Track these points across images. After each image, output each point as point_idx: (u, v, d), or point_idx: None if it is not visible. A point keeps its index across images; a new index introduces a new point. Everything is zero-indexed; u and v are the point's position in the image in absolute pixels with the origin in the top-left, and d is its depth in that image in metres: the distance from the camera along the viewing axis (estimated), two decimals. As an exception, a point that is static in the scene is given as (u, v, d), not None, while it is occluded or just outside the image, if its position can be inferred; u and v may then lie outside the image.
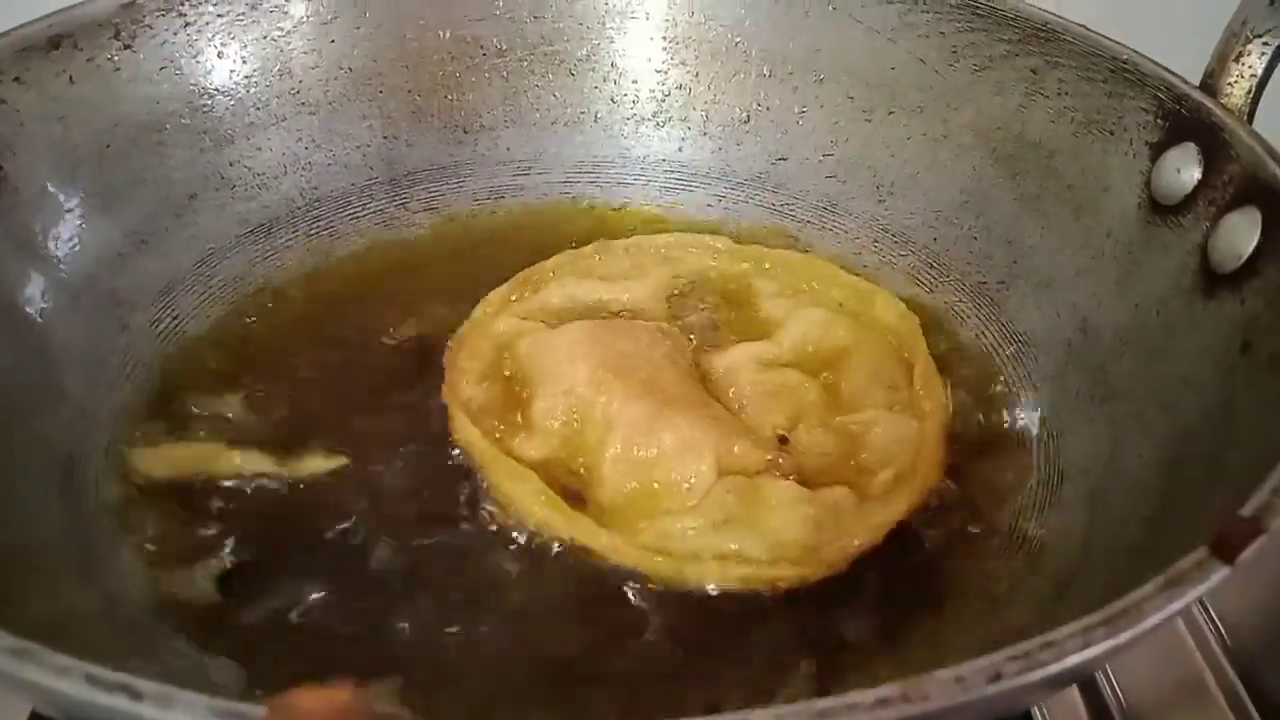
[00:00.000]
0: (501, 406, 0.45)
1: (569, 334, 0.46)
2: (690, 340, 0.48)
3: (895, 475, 0.42)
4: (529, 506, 0.40)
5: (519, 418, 0.44)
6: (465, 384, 0.45)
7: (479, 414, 0.44)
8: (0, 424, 0.39)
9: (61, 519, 0.38)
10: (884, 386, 0.46)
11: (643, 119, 0.58)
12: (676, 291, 0.51)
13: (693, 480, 0.41)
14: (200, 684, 0.33)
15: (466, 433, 0.43)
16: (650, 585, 0.38)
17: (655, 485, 0.41)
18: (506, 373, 0.46)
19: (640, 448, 0.41)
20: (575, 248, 0.53)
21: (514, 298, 0.51)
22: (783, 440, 0.43)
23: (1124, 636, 0.23)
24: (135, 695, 0.20)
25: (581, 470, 0.42)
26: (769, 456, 0.42)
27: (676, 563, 0.38)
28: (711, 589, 0.38)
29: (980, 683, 0.22)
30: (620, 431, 0.42)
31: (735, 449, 0.41)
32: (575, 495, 0.42)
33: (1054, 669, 0.22)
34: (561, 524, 0.39)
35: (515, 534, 0.40)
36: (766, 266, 0.52)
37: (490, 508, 0.41)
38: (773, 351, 0.47)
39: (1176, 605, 0.24)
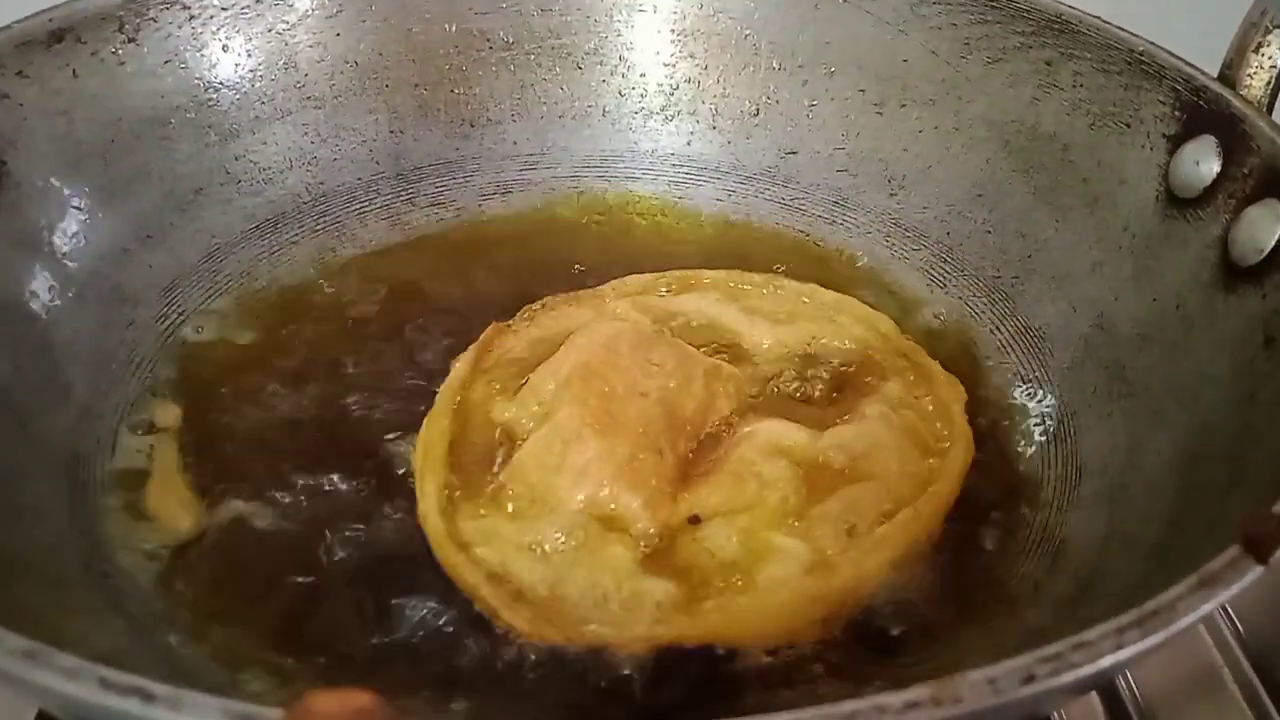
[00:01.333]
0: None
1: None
2: (749, 395, 0.44)
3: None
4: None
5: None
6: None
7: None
8: (5, 421, 0.38)
9: (66, 517, 0.37)
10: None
11: (651, 112, 0.57)
12: (808, 349, 0.47)
13: (561, 499, 0.39)
14: (209, 685, 0.33)
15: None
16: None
17: (536, 489, 0.39)
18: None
19: (549, 451, 0.40)
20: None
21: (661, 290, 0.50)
22: (692, 520, 0.39)
23: (1157, 637, 0.23)
24: (148, 697, 0.20)
25: None
26: (652, 530, 0.38)
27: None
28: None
29: (1013, 685, 0.21)
30: (545, 431, 0.41)
31: (623, 498, 0.39)
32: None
33: (1087, 670, 0.22)
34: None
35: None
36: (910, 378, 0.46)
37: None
38: (800, 442, 0.41)
39: (1209, 605, 0.24)
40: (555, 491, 0.39)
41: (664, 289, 0.50)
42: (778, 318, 0.48)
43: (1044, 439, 0.43)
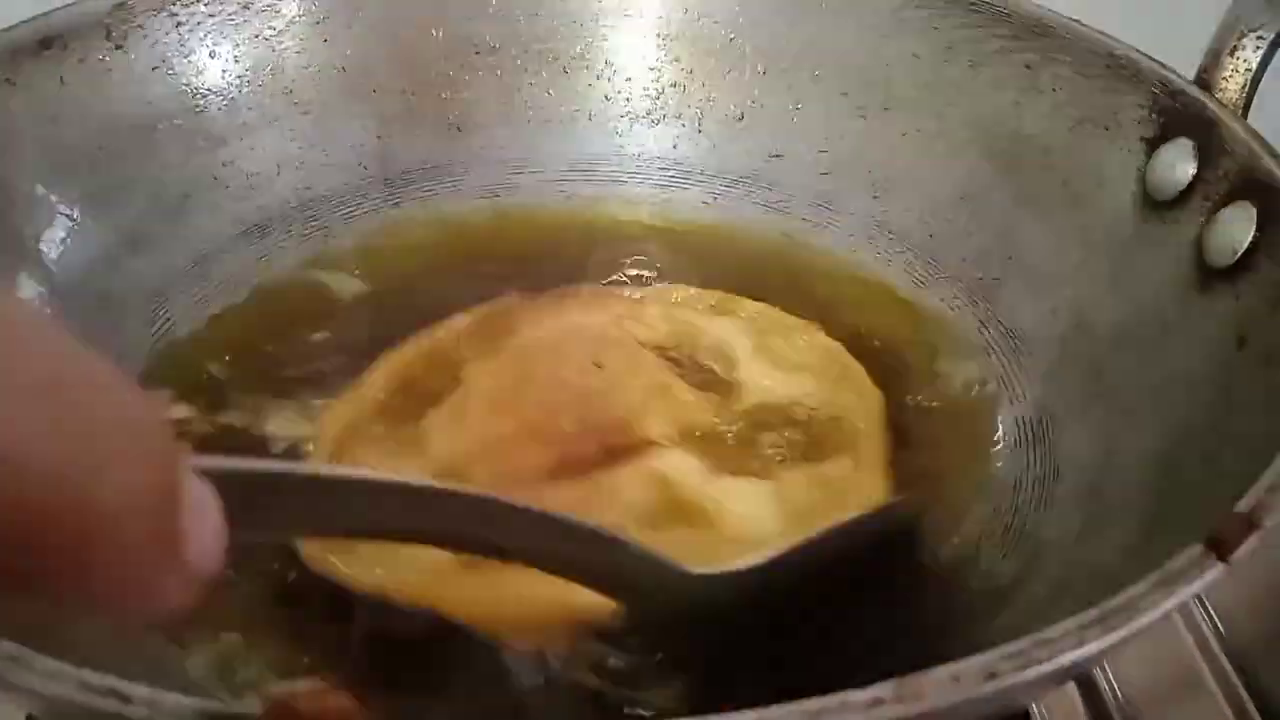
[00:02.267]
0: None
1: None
2: (693, 426, 0.42)
3: None
4: None
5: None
6: None
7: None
8: None
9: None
10: None
11: (637, 116, 0.58)
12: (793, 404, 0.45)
13: (425, 453, 0.40)
14: (198, 689, 0.33)
15: None
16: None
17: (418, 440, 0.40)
18: None
19: (450, 411, 0.41)
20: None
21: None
22: None
23: (1118, 634, 0.23)
24: (124, 699, 0.20)
25: None
26: None
27: None
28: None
29: (976, 681, 0.22)
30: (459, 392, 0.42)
31: (472, 470, 0.39)
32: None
33: (1048, 667, 0.22)
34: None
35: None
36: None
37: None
38: (687, 482, 0.40)
39: (1171, 603, 0.24)
40: (426, 446, 0.39)
41: (702, 305, 0.50)
42: (783, 364, 0.47)
43: (1022, 439, 0.44)
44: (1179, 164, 0.43)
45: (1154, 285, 0.42)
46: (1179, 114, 0.43)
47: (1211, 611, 0.46)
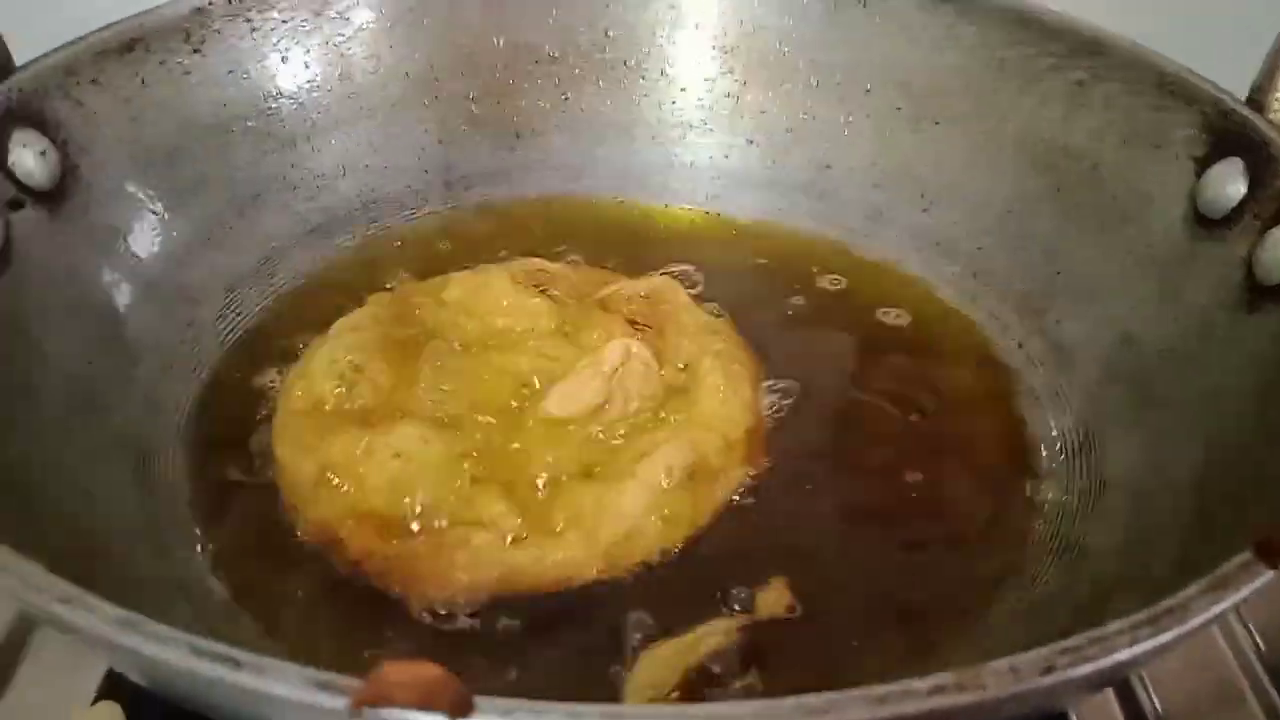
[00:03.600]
0: None
1: None
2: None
3: None
4: None
5: None
6: None
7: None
8: (79, 412, 0.40)
9: (136, 504, 0.40)
10: None
11: (691, 126, 0.59)
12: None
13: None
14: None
15: None
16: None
17: None
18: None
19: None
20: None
21: None
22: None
23: (1170, 635, 0.24)
24: (235, 664, 0.22)
25: None
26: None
27: None
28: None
29: (1034, 673, 0.23)
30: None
31: None
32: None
33: (1104, 663, 0.23)
34: None
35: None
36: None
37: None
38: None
39: (1220, 606, 0.25)
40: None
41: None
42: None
43: (1068, 451, 0.45)
44: (1229, 183, 0.43)
45: (1202, 302, 0.43)
46: (1230, 134, 0.44)
47: (1251, 627, 0.46)
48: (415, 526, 0.39)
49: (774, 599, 0.38)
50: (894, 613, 0.39)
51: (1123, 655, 0.24)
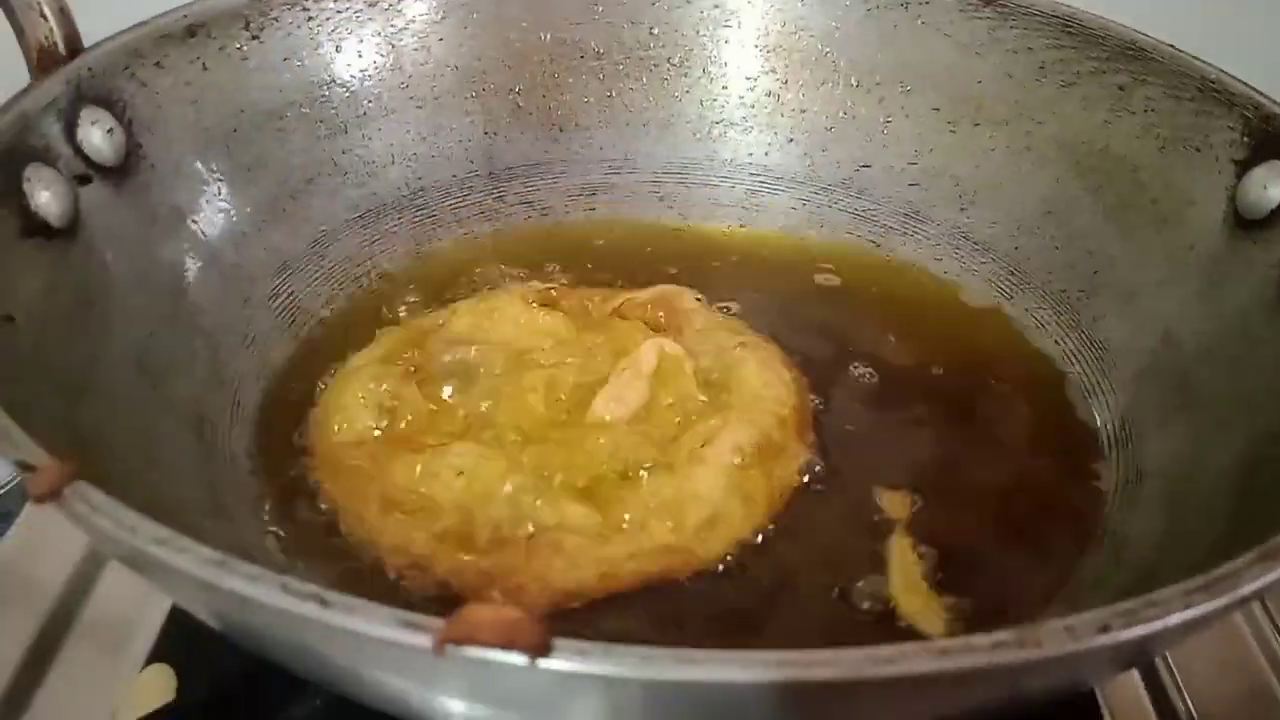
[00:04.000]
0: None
1: None
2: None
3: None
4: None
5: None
6: None
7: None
8: (139, 383, 0.41)
9: (196, 471, 0.41)
10: None
11: (731, 123, 0.60)
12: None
13: None
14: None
15: None
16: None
17: None
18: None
19: None
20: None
21: None
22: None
23: (1222, 601, 0.25)
24: (324, 603, 0.23)
25: None
26: None
27: None
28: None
29: (1089, 633, 0.23)
30: None
31: None
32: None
33: (1157, 625, 0.24)
34: None
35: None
36: None
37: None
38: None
39: (1271, 576, 0.26)
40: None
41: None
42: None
43: (1107, 443, 0.45)
44: (1270, 186, 0.44)
45: (1242, 302, 0.43)
46: (1271, 137, 0.45)
47: (1277, 620, 0.47)
48: (498, 539, 0.39)
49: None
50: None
51: (1176, 619, 0.24)
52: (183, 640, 0.43)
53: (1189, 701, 0.44)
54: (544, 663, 0.22)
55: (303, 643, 0.24)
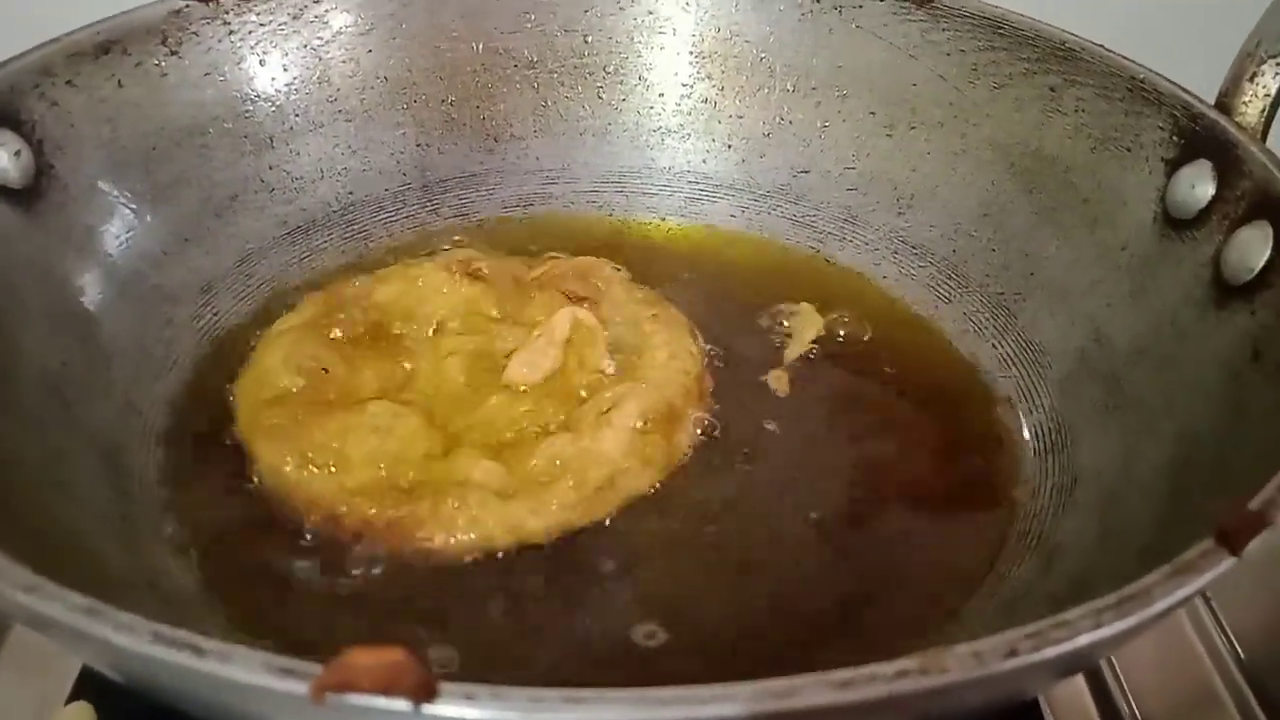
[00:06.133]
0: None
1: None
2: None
3: None
4: None
5: None
6: None
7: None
8: (52, 409, 0.40)
9: (109, 501, 0.39)
10: None
11: (668, 131, 0.59)
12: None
13: None
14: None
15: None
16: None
17: None
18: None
19: None
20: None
21: None
22: None
23: (1133, 620, 0.24)
24: (198, 651, 0.22)
25: None
26: None
27: None
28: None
29: (997, 657, 0.23)
30: None
31: None
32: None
33: (1066, 647, 0.23)
34: None
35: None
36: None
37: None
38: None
39: (1183, 592, 0.25)
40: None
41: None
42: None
43: (1040, 448, 0.45)
44: (1198, 185, 0.44)
45: (1172, 301, 0.43)
46: (1199, 136, 0.45)
47: (1224, 624, 0.47)
48: (409, 493, 0.41)
49: None
50: (860, 605, 0.39)
51: (1086, 639, 0.24)
52: (105, 678, 0.42)
53: (1131, 700, 0.44)
54: (428, 708, 0.21)
55: (185, 689, 0.23)
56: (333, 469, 0.42)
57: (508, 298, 0.50)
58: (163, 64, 0.50)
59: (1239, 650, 0.46)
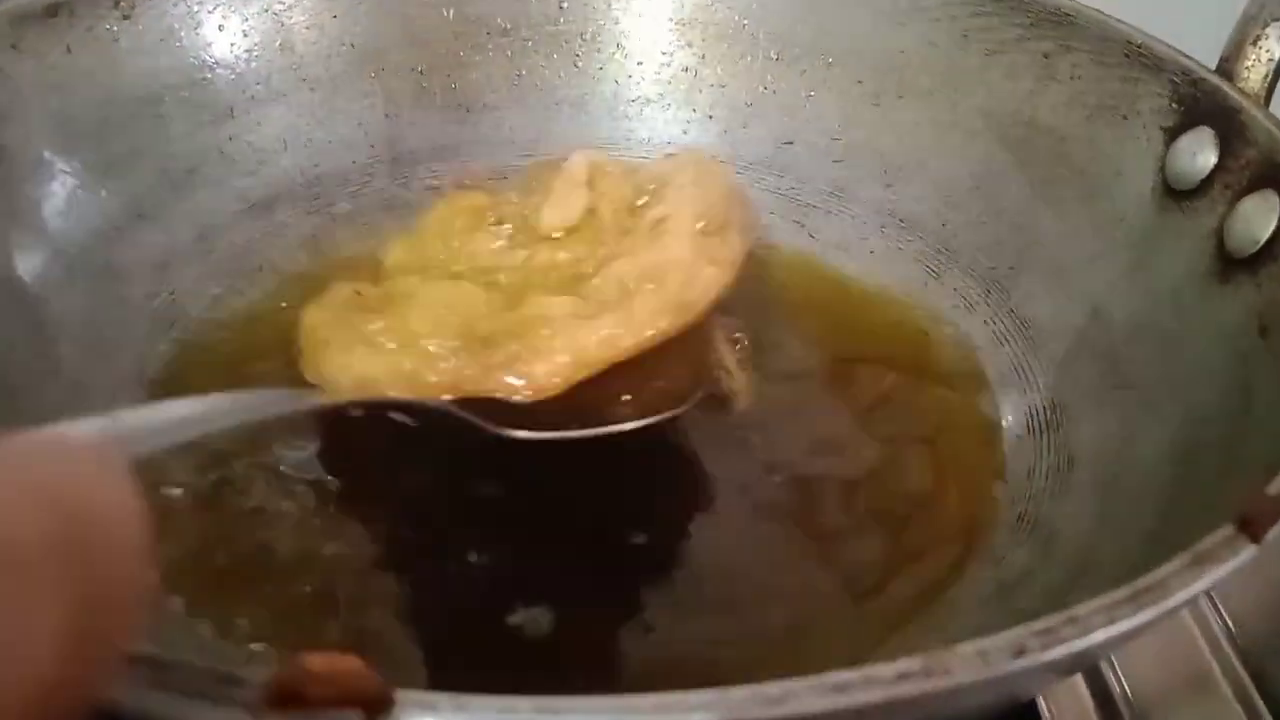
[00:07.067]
0: None
1: None
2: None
3: None
4: None
5: None
6: None
7: None
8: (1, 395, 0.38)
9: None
10: None
11: (648, 101, 0.57)
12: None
13: None
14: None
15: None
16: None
17: None
18: None
19: None
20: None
21: None
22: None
23: (1149, 613, 0.23)
24: (134, 661, 0.20)
25: None
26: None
27: None
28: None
29: (1004, 657, 0.21)
30: None
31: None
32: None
33: (1079, 645, 0.22)
34: None
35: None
36: None
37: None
38: None
39: (1202, 583, 0.24)
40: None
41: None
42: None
43: (1035, 428, 0.43)
44: (1199, 153, 0.42)
45: (1174, 276, 0.41)
46: (1199, 103, 0.43)
47: (1222, 610, 0.45)
48: (488, 342, 0.39)
49: None
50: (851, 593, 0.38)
51: (1099, 636, 0.22)
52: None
53: (1126, 686, 0.43)
54: (385, 720, 0.19)
55: (126, 701, 0.21)
56: (409, 345, 0.39)
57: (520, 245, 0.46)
58: (114, 28, 0.47)
59: (1236, 636, 0.44)
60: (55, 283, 0.43)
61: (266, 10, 0.52)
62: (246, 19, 0.51)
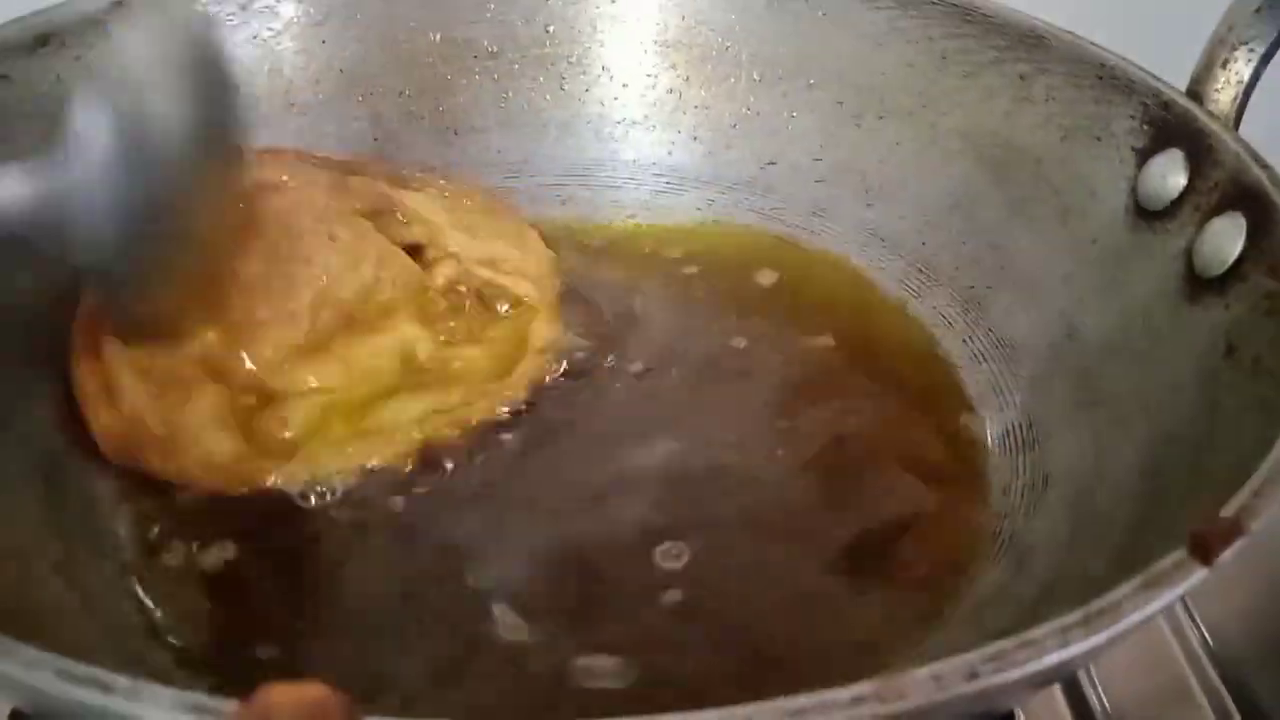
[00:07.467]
0: None
1: None
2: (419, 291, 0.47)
3: None
4: None
5: None
6: None
7: None
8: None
9: (41, 518, 0.38)
10: None
11: (633, 122, 0.58)
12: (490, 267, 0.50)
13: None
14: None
15: None
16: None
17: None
18: None
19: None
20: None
21: None
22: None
23: (1101, 636, 0.23)
24: (105, 688, 0.20)
25: None
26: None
27: None
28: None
29: (958, 681, 0.22)
30: None
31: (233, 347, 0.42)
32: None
33: (1031, 668, 0.22)
34: None
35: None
36: None
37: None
38: (423, 350, 0.46)
39: (1155, 606, 0.24)
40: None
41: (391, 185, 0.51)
42: (475, 231, 0.50)
43: (1011, 446, 0.44)
44: (1170, 175, 0.43)
45: (1144, 294, 0.42)
46: (1170, 125, 0.44)
47: (1198, 621, 0.46)
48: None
49: None
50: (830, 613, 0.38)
51: (1053, 659, 0.23)
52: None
53: (1104, 699, 0.43)
54: (353, 747, 0.20)
55: (101, 727, 0.22)
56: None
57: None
58: (104, 57, 0.48)
59: (1212, 647, 0.45)
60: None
61: (255, 37, 0.53)
62: (236, 46, 0.52)
